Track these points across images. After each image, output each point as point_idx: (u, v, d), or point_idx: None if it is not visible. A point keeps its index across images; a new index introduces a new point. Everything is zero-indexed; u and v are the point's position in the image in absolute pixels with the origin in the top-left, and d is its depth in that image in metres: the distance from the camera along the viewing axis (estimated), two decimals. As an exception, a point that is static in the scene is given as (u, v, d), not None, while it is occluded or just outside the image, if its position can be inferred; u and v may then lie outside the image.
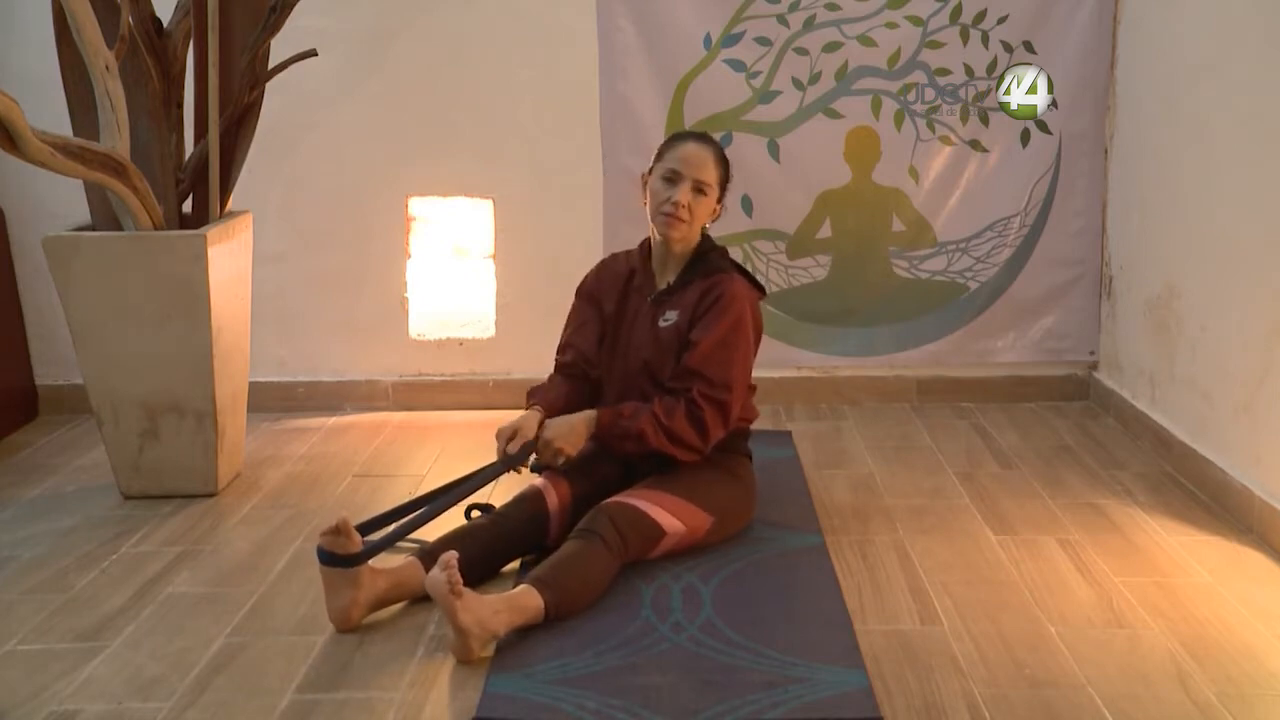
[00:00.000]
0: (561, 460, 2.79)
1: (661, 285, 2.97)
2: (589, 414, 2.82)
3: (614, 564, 2.65)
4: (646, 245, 3.03)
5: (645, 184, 2.95)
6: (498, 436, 2.82)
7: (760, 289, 2.99)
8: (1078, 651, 2.42)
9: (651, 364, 2.92)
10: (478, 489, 2.85)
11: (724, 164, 2.94)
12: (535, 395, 2.98)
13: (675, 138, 2.99)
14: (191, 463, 3.33)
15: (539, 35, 4.10)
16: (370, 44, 4.10)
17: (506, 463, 2.79)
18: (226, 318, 3.33)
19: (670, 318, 2.91)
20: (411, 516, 2.77)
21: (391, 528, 2.75)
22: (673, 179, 2.86)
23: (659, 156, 2.93)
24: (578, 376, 3.03)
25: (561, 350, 3.08)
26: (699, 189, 2.86)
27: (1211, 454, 3.29)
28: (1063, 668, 2.36)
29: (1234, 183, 3.20)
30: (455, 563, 2.35)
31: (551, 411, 2.90)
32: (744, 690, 2.25)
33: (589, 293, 3.09)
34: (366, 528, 2.73)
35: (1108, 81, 4.07)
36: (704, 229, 2.97)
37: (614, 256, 3.15)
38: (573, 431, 2.78)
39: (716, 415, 2.82)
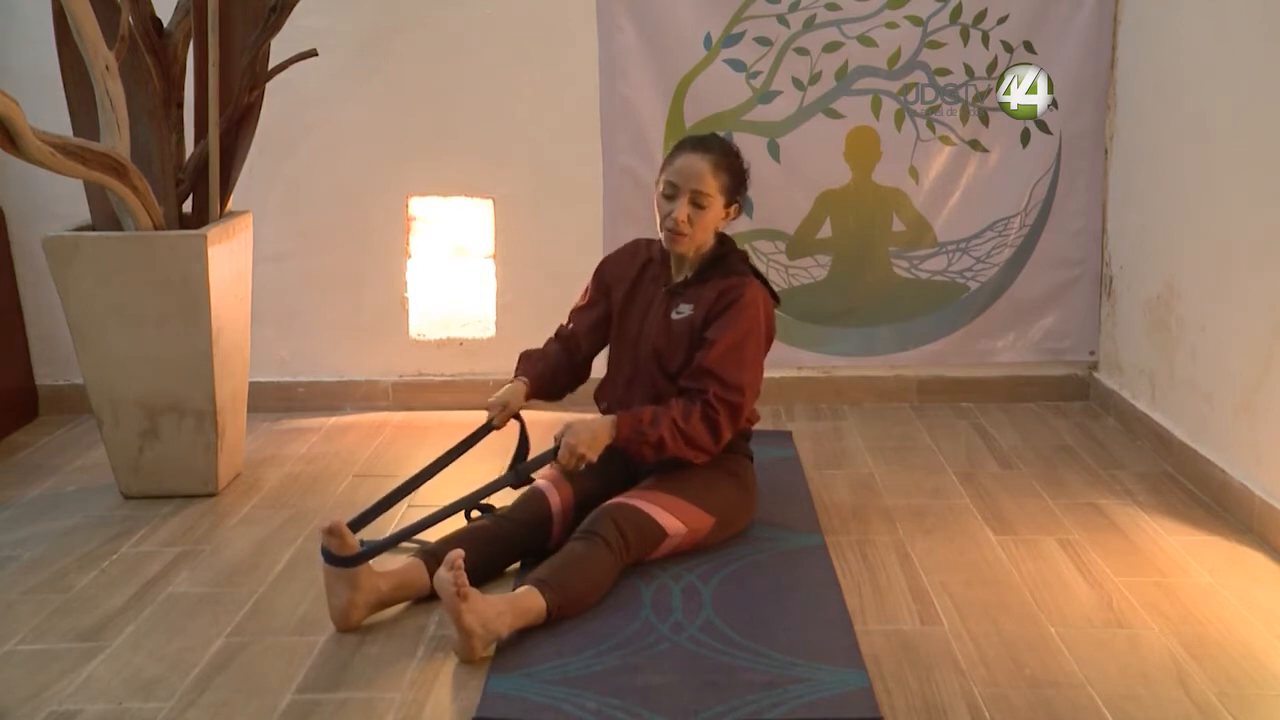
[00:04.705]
0: (583, 466, 2.76)
1: (679, 279, 2.97)
2: (609, 419, 2.77)
3: (616, 565, 2.65)
4: None
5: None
6: (488, 408, 2.96)
7: (775, 296, 2.98)
8: (1078, 651, 2.42)
9: (662, 353, 2.91)
10: (489, 495, 2.84)
11: (726, 168, 2.87)
12: (525, 363, 3.07)
13: (676, 146, 2.96)
14: (191, 463, 3.33)
15: (539, 35, 4.10)
16: (370, 44, 4.09)
17: (519, 475, 2.80)
18: (226, 318, 3.33)
19: (684, 311, 2.90)
20: (416, 521, 2.75)
21: (391, 529, 2.74)
22: (671, 194, 2.85)
23: (662, 167, 2.92)
24: (569, 351, 3.10)
25: (569, 317, 3.13)
26: (696, 201, 2.83)
27: (1211, 454, 3.29)
28: (1063, 668, 2.37)
29: (1234, 183, 3.20)
30: (461, 563, 2.35)
31: (537, 385, 3.03)
32: (744, 690, 2.25)
33: (601, 274, 3.11)
34: (359, 522, 2.73)
35: (1108, 81, 4.07)
36: (720, 231, 2.96)
37: (636, 242, 3.13)
38: (595, 438, 2.74)
39: (729, 417, 2.81)
